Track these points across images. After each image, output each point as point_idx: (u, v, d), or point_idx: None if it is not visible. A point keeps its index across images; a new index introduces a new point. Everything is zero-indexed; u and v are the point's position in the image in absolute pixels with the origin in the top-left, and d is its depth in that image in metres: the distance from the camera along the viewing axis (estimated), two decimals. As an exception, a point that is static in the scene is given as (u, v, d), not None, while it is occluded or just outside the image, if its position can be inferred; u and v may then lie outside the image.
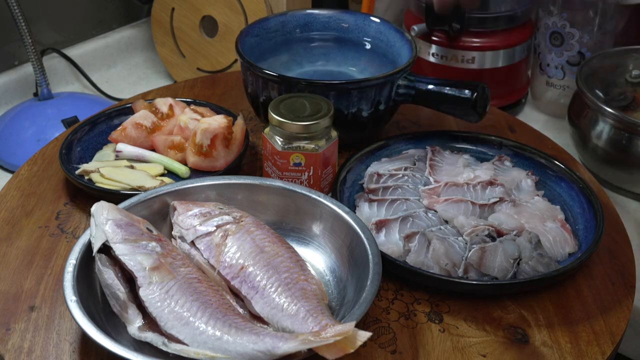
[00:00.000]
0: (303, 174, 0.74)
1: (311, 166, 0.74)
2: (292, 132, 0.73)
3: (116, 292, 0.61)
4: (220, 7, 1.17)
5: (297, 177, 0.74)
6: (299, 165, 0.73)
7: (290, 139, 0.73)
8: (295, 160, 0.73)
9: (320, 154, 0.74)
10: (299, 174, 0.74)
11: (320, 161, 0.74)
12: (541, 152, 0.84)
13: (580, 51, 1.07)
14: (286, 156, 0.74)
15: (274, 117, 0.74)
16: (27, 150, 1.01)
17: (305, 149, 0.73)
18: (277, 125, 0.74)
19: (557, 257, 0.73)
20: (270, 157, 0.75)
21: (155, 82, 1.31)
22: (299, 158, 0.73)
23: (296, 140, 0.73)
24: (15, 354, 0.62)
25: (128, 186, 0.79)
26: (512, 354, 0.63)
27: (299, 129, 0.73)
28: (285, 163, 0.74)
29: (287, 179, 0.74)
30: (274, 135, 0.75)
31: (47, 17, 1.24)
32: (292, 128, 0.73)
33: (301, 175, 0.74)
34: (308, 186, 0.74)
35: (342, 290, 0.67)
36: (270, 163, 0.76)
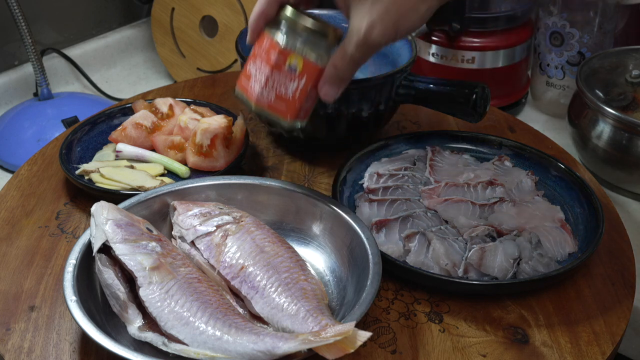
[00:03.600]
0: (292, 82, 0.65)
1: (304, 77, 0.65)
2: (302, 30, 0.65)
3: (116, 292, 0.61)
4: (220, 7, 1.18)
5: (284, 82, 0.65)
6: (293, 70, 0.65)
7: (295, 39, 0.65)
8: (292, 62, 0.65)
9: (318, 69, 0.66)
10: (289, 80, 0.65)
11: (314, 77, 0.66)
12: (541, 152, 0.84)
13: (580, 51, 1.07)
14: (284, 55, 0.65)
15: (288, 9, 0.66)
16: (27, 150, 1.01)
17: (307, 55, 0.65)
18: (289, 18, 0.66)
19: (557, 257, 0.73)
20: (262, 54, 0.66)
21: (155, 82, 1.31)
22: (296, 63, 0.65)
23: (301, 44, 0.65)
24: (15, 354, 0.62)
25: (128, 186, 0.79)
26: (512, 354, 0.63)
27: (313, 26, 0.65)
28: (280, 62, 0.65)
29: (273, 80, 0.65)
30: (279, 30, 0.66)
31: (47, 17, 1.24)
32: (305, 22, 0.65)
33: (289, 83, 0.65)
34: (291, 99, 0.65)
35: (342, 290, 0.67)
36: (258, 62, 0.66)
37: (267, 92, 0.65)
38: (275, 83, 0.65)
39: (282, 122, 0.66)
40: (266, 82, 0.65)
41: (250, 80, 0.66)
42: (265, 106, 0.65)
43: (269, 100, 0.65)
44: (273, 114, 0.66)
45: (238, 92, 0.67)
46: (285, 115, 0.66)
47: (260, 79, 0.65)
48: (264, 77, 0.65)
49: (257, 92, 0.65)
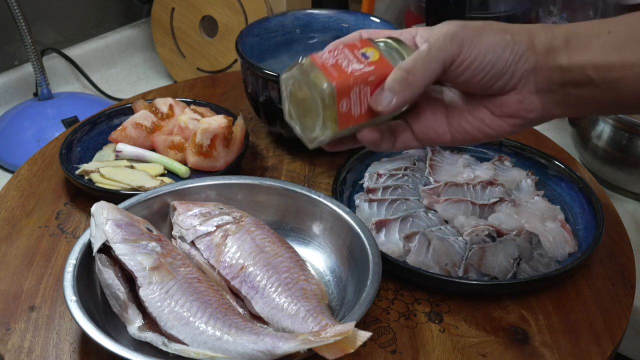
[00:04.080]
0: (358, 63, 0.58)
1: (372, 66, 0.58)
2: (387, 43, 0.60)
3: (116, 292, 0.61)
4: (220, 7, 1.17)
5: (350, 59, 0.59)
6: (365, 57, 0.59)
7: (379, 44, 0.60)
8: (368, 52, 0.59)
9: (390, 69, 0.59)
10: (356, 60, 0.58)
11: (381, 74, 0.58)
12: (541, 152, 0.84)
13: (580, 51, 1.07)
14: (365, 44, 0.60)
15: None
16: (27, 150, 1.01)
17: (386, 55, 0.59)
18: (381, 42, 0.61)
19: (557, 257, 0.73)
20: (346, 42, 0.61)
21: (155, 82, 1.31)
22: (372, 54, 0.59)
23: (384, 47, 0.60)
24: (15, 354, 0.62)
25: (128, 186, 0.79)
26: (512, 354, 0.63)
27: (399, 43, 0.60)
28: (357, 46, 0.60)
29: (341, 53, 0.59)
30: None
31: (47, 17, 1.24)
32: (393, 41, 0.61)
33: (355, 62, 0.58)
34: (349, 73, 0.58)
35: (342, 290, 0.67)
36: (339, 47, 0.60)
37: (328, 57, 0.59)
38: (340, 56, 0.59)
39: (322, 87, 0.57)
40: (332, 51, 0.59)
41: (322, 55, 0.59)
42: (318, 65, 0.58)
43: (325, 62, 0.58)
44: (320, 74, 0.57)
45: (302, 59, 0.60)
46: (331, 78, 0.57)
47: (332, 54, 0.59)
48: (333, 49, 0.60)
49: (321, 57, 0.58)
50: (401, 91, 0.56)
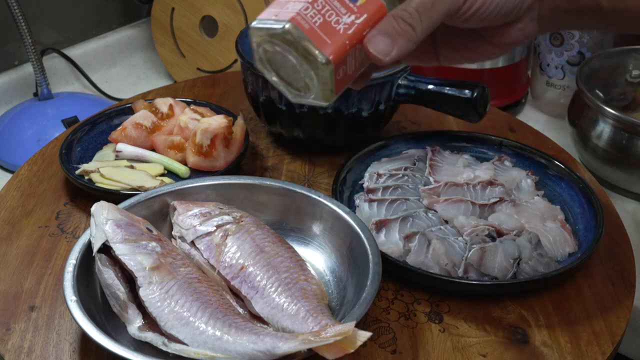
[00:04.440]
0: (348, 15, 0.48)
1: (365, 14, 0.48)
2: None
3: (116, 292, 0.61)
4: (220, 7, 1.17)
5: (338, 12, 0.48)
6: (354, 0, 0.48)
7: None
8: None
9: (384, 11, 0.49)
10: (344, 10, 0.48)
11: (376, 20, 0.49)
12: (541, 152, 0.84)
13: (580, 51, 1.07)
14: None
15: None
16: (27, 150, 1.01)
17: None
18: None
19: (557, 257, 0.73)
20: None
21: (155, 82, 1.31)
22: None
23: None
24: (15, 354, 0.62)
25: (128, 186, 0.79)
26: (512, 354, 0.63)
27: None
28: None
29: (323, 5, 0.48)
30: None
31: (47, 17, 1.24)
32: None
33: (344, 14, 0.48)
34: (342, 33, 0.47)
35: (342, 290, 0.67)
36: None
37: (313, 14, 0.47)
38: (326, 7, 0.47)
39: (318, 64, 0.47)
40: (314, 2, 0.47)
41: (286, 4, 0.48)
42: (305, 30, 0.46)
43: (312, 24, 0.47)
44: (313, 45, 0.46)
45: (259, 21, 0.49)
46: (327, 51, 0.47)
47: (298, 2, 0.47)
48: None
49: (299, 10, 0.47)
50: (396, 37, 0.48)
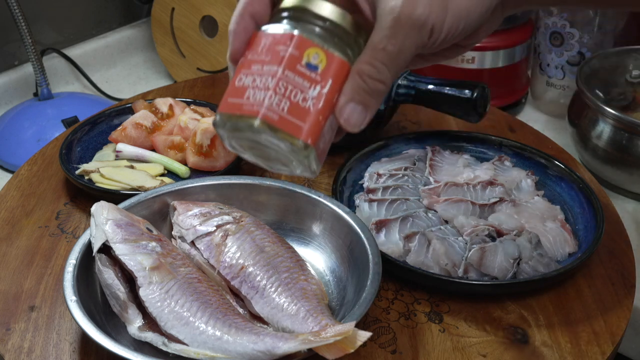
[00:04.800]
0: (313, 87, 0.45)
1: (329, 79, 0.45)
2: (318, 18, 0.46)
3: (116, 292, 0.60)
4: (220, 7, 1.17)
5: (301, 86, 0.45)
6: (314, 69, 0.45)
7: (310, 29, 0.46)
8: (312, 58, 0.45)
9: (348, 67, 0.46)
10: (308, 84, 0.45)
11: (342, 80, 0.46)
12: (541, 152, 0.84)
13: (580, 51, 1.07)
14: (302, 47, 0.45)
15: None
16: (27, 150, 1.01)
17: (331, 49, 0.45)
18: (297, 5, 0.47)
19: (557, 257, 0.73)
20: (264, 54, 0.46)
21: (155, 82, 1.31)
22: (318, 57, 0.45)
23: (320, 35, 0.46)
24: (15, 354, 0.62)
25: (128, 186, 0.79)
26: (512, 354, 0.63)
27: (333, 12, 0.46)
28: (295, 57, 0.45)
29: (286, 83, 0.45)
30: (282, 22, 0.47)
31: (47, 17, 1.24)
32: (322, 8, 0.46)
33: (309, 88, 0.45)
34: (312, 110, 0.45)
35: (342, 290, 0.67)
36: (257, 67, 0.46)
37: (278, 101, 0.45)
38: (289, 87, 0.45)
39: (298, 151, 0.45)
40: (275, 86, 0.45)
41: (245, 94, 0.46)
42: (275, 122, 0.44)
43: (280, 112, 0.44)
44: (287, 135, 0.45)
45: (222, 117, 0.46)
46: (304, 136, 0.45)
47: (265, 84, 0.45)
48: (271, 81, 0.45)
49: (263, 102, 0.44)
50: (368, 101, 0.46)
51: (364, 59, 0.45)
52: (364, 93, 0.45)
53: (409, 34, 0.44)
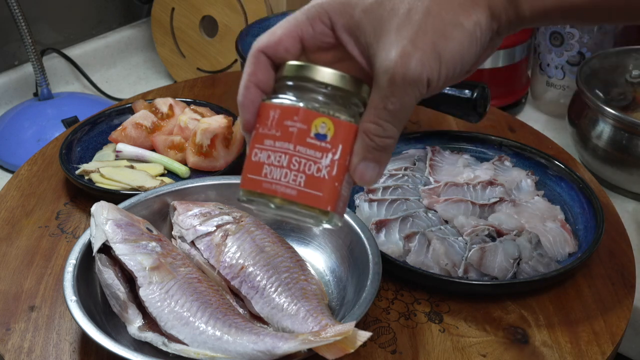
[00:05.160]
0: (325, 156, 0.47)
1: (339, 144, 0.47)
2: (321, 86, 0.48)
3: (116, 292, 0.60)
4: (220, 7, 1.17)
5: (313, 158, 0.47)
6: (323, 138, 0.47)
7: (314, 98, 0.48)
8: (319, 128, 0.47)
9: (355, 128, 0.48)
10: (319, 154, 0.47)
11: (352, 142, 0.48)
12: (541, 152, 0.84)
13: (580, 51, 1.07)
14: (309, 119, 0.47)
15: (290, 64, 0.49)
16: (27, 150, 1.01)
17: (337, 114, 0.47)
18: (298, 74, 0.48)
19: (557, 257, 0.73)
20: (273, 129, 0.48)
21: (155, 82, 1.31)
22: (325, 126, 0.47)
23: (324, 102, 0.48)
24: (15, 354, 0.62)
25: (128, 186, 0.79)
26: (512, 354, 0.63)
27: (335, 77, 0.48)
28: (304, 131, 0.47)
29: (299, 158, 0.47)
30: (286, 93, 0.49)
31: (47, 17, 1.24)
32: (324, 75, 0.48)
33: (322, 158, 0.47)
34: (328, 179, 0.47)
35: (342, 290, 0.67)
36: (269, 142, 0.48)
37: (294, 176, 0.47)
38: (302, 161, 0.47)
39: (320, 217, 0.48)
40: (289, 163, 0.47)
41: (262, 171, 0.48)
42: (294, 197, 0.47)
43: (298, 187, 0.47)
44: (307, 206, 0.47)
45: (245, 194, 0.49)
46: (323, 205, 0.47)
47: (280, 161, 0.47)
48: (285, 158, 0.47)
49: (280, 180, 0.47)
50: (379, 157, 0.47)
51: (369, 118, 0.46)
52: (374, 151, 0.47)
53: (407, 91, 0.45)
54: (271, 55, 0.49)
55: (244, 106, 0.49)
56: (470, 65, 0.47)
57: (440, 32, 0.44)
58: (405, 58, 0.44)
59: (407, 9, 0.45)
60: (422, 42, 0.44)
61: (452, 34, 0.45)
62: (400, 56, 0.44)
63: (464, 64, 0.46)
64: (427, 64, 0.44)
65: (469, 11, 0.45)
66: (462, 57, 0.46)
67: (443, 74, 0.45)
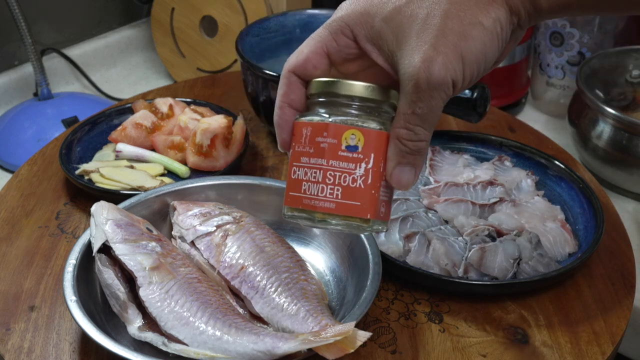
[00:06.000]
0: (358, 166, 0.49)
1: (372, 154, 0.49)
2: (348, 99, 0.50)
3: (116, 292, 0.60)
4: (220, 7, 1.17)
5: (347, 170, 0.49)
6: (354, 150, 0.49)
7: (343, 112, 0.50)
8: (349, 140, 0.49)
9: (385, 135, 0.49)
10: (353, 165, 0.49)
11: (384, 150, 0.49)
12: (541, 152, 0.84)
13: (580, 51, 1.07)
14: (338, 133, 0.49)
15: (318, 81, 0.51)
16: (27, 150, 1.01)
17: (366, 124, 0.49)
18: (326, 90, 0.50)
19: (557, 257, 0.73)
20: (307, 147, 0.50)
21: (155, 82, 1.31)
22: (355, 138, 0.49)
23: (353, 114, 0.50)
24: (15, 354, 0.62)
25: (128, 186, 0.79)
26: (512, 354, 0.63)
27: (362, 90, 0.49)
28: (336, 145, 0.49)
29: (334, 172, 0.49)
30: (316, 110, 0.51)
31: (47, 17, 1.24)
32: (351, 88, 0.49)
33: (355, 168, 0.49)
34: (365, 188, 0.49)
35: (342, 290, 0.67)
36: (305, 159, 0.50)
37: (331, 190, 0.49)
38: (336, 174, 0.49)
39: (362, 225, 0.50)
40: (324, 178, 0.49)
41: (301, 187, 0.50)
42: (334, 210, 0.49)
43: (335, 200, 0.49)
44: (347, 217, 0.49)
45: (289, 211, 0.51)
46: (363, 213, 0.49)
47: (315, 177, 0.49)
48: (320, 174, 0.49)
49: (318, 195, 0.49)
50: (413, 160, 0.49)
51: (399, 124, 0.48)
52: (408, 155, 0.48)
53: (433, 95, 0.46)
54: (301, 74, 0.51)
55: (279, 126, 0.52)
56: (493, 61, 0.48)
57: (460, 33, 0.45)
58: (427, 63, 0.45)
59: (425, 14, 0.45)
60: (443, 45, 0.45)
61: (472, 33, 0.45)
62: (423, 61, 0.45)
63: (487, 61, 0.47)
64: (450, 66, 0.45)
65: (487, 9, 0.46)
66: (484, 55, 0.46)
67: (467, 73, 0.46)
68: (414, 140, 0.48)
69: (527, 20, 0.48)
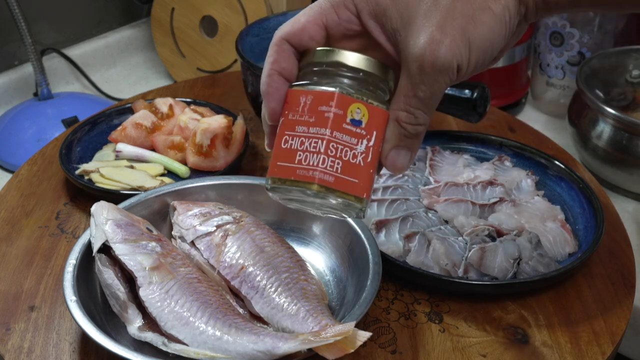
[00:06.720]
0: (360, 142, 0.46)
1: (374, 131, 0.47)
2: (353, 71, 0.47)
3: (116, 292, 0.60)
4: (220, 7, 1.17)
5: (350, 146, 0.46)
6: (358, 124, 0.46)
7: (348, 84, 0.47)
8: (355, 114, 0.46)
9: (386, 114, 0.48)
10: (355, 140, 0.46)
11: (382, 126, 0.48)
12: (541, 152, 0.84)
13: (580, 51, 1.07)
14: (345, 105, 0.46)
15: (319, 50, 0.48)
16: (27, 150, 1.01)
17: (370, 100, 0.47)
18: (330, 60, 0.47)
19: (557, 257, 0.73)
20: (306, 115, 0.47)
21: (155, 82, 1.31)
22: (360, 112, 0.46)
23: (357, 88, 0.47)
24: (15, 354, 0.62)
25: (128, 186, 0.79)
26: (512, 354, 0.63)
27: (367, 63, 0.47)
28: (341, 117, 0.46)
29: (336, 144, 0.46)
30: (315, 79, 0.48)
31: (47, 17, 1.24)
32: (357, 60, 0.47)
33: (357, 144, 0.46)
34: (364, 166, 0.46)
35: (342, 290, 0.67)
36: (302, 128, 0.46)
37: (331, 162, 0.46)
38: (338, 147, 0.46)
39: (355, 205, 0.47)
40: (327, 149, 0.46)
41: (295, 157, 0.46)
42: (332, 184, 0.46)
43: (335, 173, 0.46)
44: (344, 193, 0.46)
45: (275, 182, 0.48)
46: (359, 192, 0.47)
47: (316, 147, 0.46)
48: (322, 144, 0.46)
49: (317, 166, 0.46)
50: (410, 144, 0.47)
51: (400, 106, 0.46)
52: (406, 139, 0.47)
53: (437, 79, 0.44)
54: (295, 43, 0.48)
55: (269, 94, 0.48)
56: (498, 50, 0.47)
57: (469, 17, 0.43)
58: (434, 45, 0.43)
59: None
60: (451, 28, 0.43)
61: (482, 18, 0.44)
62: (429, 43, 0.43)
63: (494, 49, 0.46)
64: (457, 51, 0.43)
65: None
66: (492, 42, 0.45)
67: (473, 59, 0.45)
68: (413, 123, 0.46)
69: (533, 12, 0.47)
